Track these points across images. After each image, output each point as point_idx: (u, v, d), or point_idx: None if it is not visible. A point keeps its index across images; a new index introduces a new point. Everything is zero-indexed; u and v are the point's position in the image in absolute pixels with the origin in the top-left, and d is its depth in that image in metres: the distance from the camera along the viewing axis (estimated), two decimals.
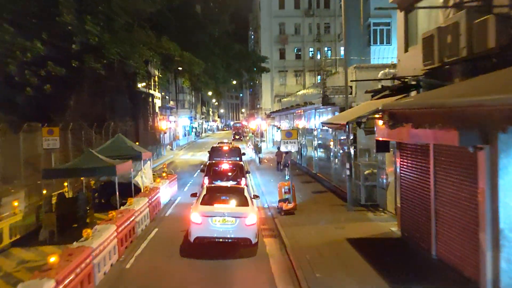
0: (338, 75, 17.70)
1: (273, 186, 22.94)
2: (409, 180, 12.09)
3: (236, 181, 18.13)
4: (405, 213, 12.50)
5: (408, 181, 12.17)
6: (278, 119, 41.29)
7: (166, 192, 19.21)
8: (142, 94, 38.99)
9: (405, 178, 12.37)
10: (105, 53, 21.79)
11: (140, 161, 17.28)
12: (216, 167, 18.86)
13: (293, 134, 16.46)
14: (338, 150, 20.75)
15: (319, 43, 57.20)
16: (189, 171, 30.59)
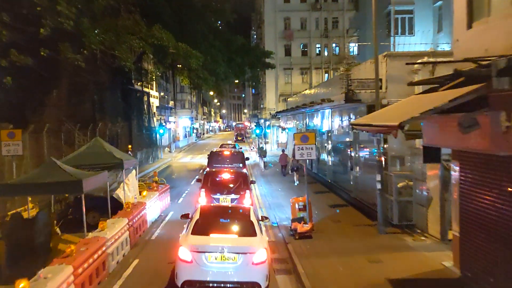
0: (364, 66, 14.44)
1: (282, 197, 19.78)
2: (477, 200, 8.85)
3: (239, 194, 14.89)
4: (468, 245, 9.25)
5: (475, 202, 8.93)
6: (284, 119, 38.08)
7: (155, 207, 16.01)
8: (137, 93, 35.84)
9: (470, 198, 9.13)
10: (85, 42, 18.58)
11: (121, 170, 14.10)
12: (215, 177, 15.54)
13: (310, 138, 13.23)
14: (359, 156, 17.51)
15: (326, 39, 53.92)
16: (186, 178, 27.38)
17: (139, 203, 14.34)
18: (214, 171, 16.62)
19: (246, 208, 10.76)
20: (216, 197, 14.55)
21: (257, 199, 19.95)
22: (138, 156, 32.34)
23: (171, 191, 21.60)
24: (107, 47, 19.98)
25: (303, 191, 21.16)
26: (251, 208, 10.62)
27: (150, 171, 31.22)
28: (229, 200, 14.45)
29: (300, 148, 13.27)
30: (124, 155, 15.26)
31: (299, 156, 13.31)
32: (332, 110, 19.34)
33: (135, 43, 20.79)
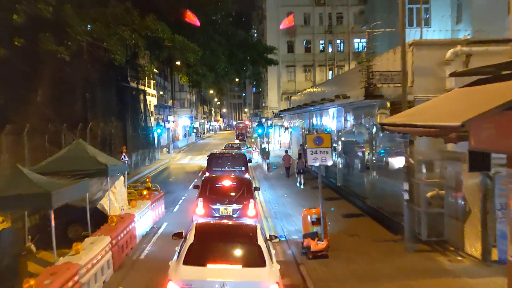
0: (387, 57, 12.50)
1: (289, 204, 17.90)
2: None
3: (242, 204, 12.91)
4: None
5: None
6: (288, 118, 36.13)
7: (147, 218, 14.10)
8: (133, 91, 33.90)
9: None
10: (70, 33, 16.65)
11: (106, 178, 12.20)
12: (214, 184, 13.65)
13: (325, 140, 11.30)
14: (376, 159, 15.60)
15: (330, 35, 51.95)
16: (184, 181, 25.47)
17: (127, 215, 12.43)
18: (213, 177, 14.73)
19: (252, 227, 8.85)
20: (216, 208, 12.74)
21: (261, 207, 18.05)
22: (133, 158, 30.50)
23: (167, 197, 19.72)
24: (95, 39, 18.05)
25: (310, 196, 19.42)
26: (258, 227, 8.71)
27: (146, 174, 29.35)
28: (230, 210, 12.68)
29: (313, 151, 11.34)
30: (111, 159, 13.34)
31: (312, 161, 11.38)
32: (344, 108, 17.39)
33: (127, 34, 18.84)
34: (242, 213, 12.56)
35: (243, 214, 12.51)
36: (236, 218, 12.33)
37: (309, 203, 17.89)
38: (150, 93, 47.19)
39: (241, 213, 12.58)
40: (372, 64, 11.86)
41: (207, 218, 12.20)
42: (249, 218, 12.42)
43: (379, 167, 15.33)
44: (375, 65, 12.08)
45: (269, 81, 54.36)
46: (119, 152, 28.26)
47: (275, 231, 14.20)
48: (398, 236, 12.52)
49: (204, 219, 12.16)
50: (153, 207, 15.03)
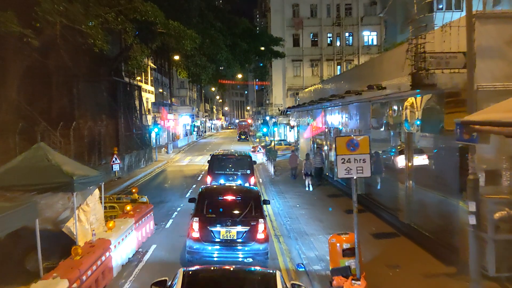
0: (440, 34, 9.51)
1: (303, 218, 15.04)
2: None
3: (249, 225, 10.21)
4: None
5: None
6: (295, 116, 33.19)
7: (130, 242, 11.23)
8: (126, 86, 31.02)
9: None
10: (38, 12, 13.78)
11: (72, 193, 9.36)
12: (214, 198, 11.08)
13: (362, 145, 8.43)
14: (413, 166, 12.69)
15: (339, 27, 49.02)
16: (181, 188, 22.58)
17: (100, 242, 9.55)
18: (212, 190, 12.18)
19: (269, 275, 5.98)
20: (216, 230, 10.19)
21: (270, 221, 15.19)
22: (126, 160, 27.66)
23: (160, 208, 16.97)
24: (71, 21, 15.16)
25: (327, 208, 16.50)
26: (278, 276, 5.84)
27: (139, 178, 26.55)
28: (234, 233, 10.15)
29: (345, 160, 8.45)
30: (82, 168, 10.45)
31: (344, 172, 8.48)
32: (372, 103, 14.46)
33: (111, 17, 15.96)
34: (249, 237, 10.12)
35: (250, 238, 10.10)
36: (241, 243, 10.08)
37: (327, 217, 15.08)
38: (147, 90, 44.36)
39: (248, 237, 10.13)
40: (425, 42, 8.93)
41: (204, 244, 10.04)
42: (257, 243, 10.07)
43: (418, 175, 12.41)
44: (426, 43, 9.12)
45: (274, 77, 51.43)
46: (109, 154, 25.51)
47: (290, 257, 11.35)
48: (452, 269, 9.67)
49: (200, 244, 10.04)
50: (139, 225, 12.15)
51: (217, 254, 10.01)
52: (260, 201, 11.01)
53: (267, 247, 10.20)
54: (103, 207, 11.69)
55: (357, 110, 16.29)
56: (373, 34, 49.78)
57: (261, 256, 10.06)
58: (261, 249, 10.04)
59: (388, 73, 13.11)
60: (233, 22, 26.83)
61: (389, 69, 12.64)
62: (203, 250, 9.99)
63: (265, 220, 10.57)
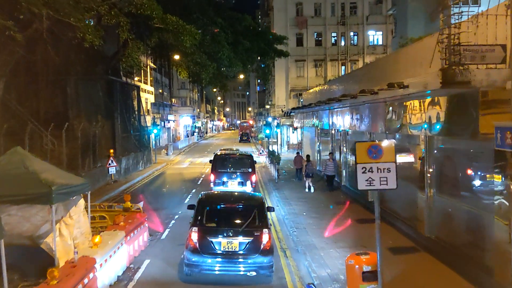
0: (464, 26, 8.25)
1: (311, 228, 13.86)
2: None
3: (253, 236, 9.36)
4: None
5: None
6: (299, 118, 31.96)
7: (119, 257, 10.00)
8: (124, 86, 29.85)
9: None
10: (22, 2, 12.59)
11: (50, 205, 8.17)
12: (214, 206, 10.34)
13: (386, 152, 7.22)
14: (435, 173, 11.46)
15: (343, 27, 47.74)
16: (180, 192, 21.35)
17: (84, 260, 8.33)
18: (213, 196, 11.55)
19: None
20: (216, 241, 9.41)
21: (275, 231, 13.97)
22: (123, 163, 26.49)
23: (156, 216, 15.74)
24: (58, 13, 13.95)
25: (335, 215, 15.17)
26: None
27: (136, 182, 25.38)
28: (236, 245, 9.35)
29: (365, 169, 7.24)
30: (64, 176, 9.23)
31: (365, 184, 7.27)
32: (388, 104, 13.20)
33: (104, 10, 14.77)
34: (252, 248, 9.34)
35: (254, 250, 9.34)
36: (244, 255, 9.32)
37: (339, 229, 13.82)
38: (147, 90, 43.20)
39: (251, 248, 9.35)
40: (459, 32, 7.71)
41: (203, 256, 9.32)
42: (262, 255, 9.30)
43: (442, 183, 11.18)
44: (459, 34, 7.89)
45: (277, 77, 50.19)
46: (105, 157, 24.32)
47: (299, 276, 10.13)
48: None
49: (200, 256, 9.32)
50: (131, 238, 10.93)
51: (218, 267, 9.36)
52: (264, 209, 10.14)
53: (271, 259, 9.48)
54: (90, 218, 10.47)
55: (370, 111, 15.06)
56: (378, 34, 48.56)
57: (265, 269, 9.39)
58: (266, 261, 9.33)
59: (405, 70, 11.92)
60: (235, 18, 25.65)
61: (408, 66, 11.44)
62: (202, 262, 9.34)
63: (269, 230, 9.68)
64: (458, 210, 10.45)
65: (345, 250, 11.49)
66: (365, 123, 15.82)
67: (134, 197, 20.04)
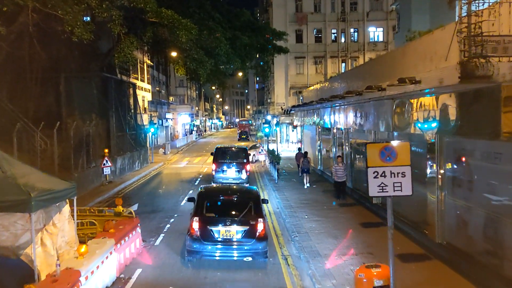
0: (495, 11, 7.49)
1: (314, 232, 13.11)
2: None
3: (249, 225, 10.30)
4: None
5: None
6: (300, 116, 31.22)
7: (108, 267, 9.26)
8: (120, 83, 29.04)
9: None
10: None
11: (28, 213, 7.43)
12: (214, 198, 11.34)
13: (400, 154, 6.50)
14: (446, 174, 10.73)
15: (343, 23, 47.01)
16: (176, 194, 20.59)
17: (67, 274, 7.59)
18: (212, 190, 12.85)
19: None
20: (216, 229, 10.30)
21: (276, 236, 13.26)
22: (118, 163, 25.71)
23: (150, 219, 15.13)
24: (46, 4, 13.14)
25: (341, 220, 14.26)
26: None
27: (133, 182, 24.63)
28: (234, 232, 10.28)
29: (378, 173, 6.51)
30: (47, 181, 8.47)
31: (377, 190, 6.55)
32: (395, 102, 12.45)
33: (94, 3, 13.98)
34: (248, 236, 10.28)
35: (249, 237, 10.28)
36: (241, 242, 10.21)
37: (342, 232, 13.10)
38: (144, 88, 42.34)
39: (247, 236, 10.29)
40: (481, 21, 6.96)
41: (204, 243, 10.16)
42: (257, 242, 10.21)
43: (455, 186, 10.45)
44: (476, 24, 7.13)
45: (276, 74, 49.44)
46: (100, 156, 23.55)
47: (302, 287, 9.38)
48: None
49: (200, 243, 10.17)
50: (121, 246, 10.18)
51: (218, 254, 10.24)
52: (260, 201, 11.10)
53: (266, 245, 10.36)
54: (77, 225, 9.72)
55: (376, 108, 14.31)
56: (379, 30, 47.80)
57: (260, 255, 10.29)
58: (261, 248, 10.22)
59: (414, 65, 11.19)
60: (233, 13, 24.83)
61: (417, 61, 10.69)
62: (203, 249, 10.18)
63: (264, 220, 10.63)
64: (473, 215, 9.72)
65: (351, 257, 10.78)
66: (370, 121, 15.08)
67: (129, 199, 19.36)
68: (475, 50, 6.90)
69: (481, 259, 9.21)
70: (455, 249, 10.27)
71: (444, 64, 8.89)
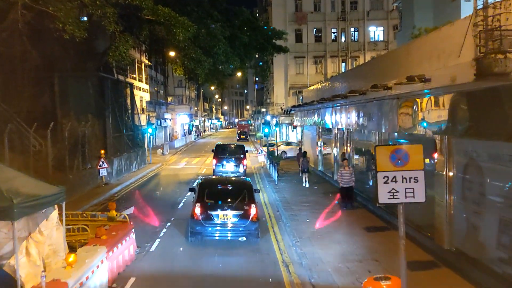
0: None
1: (315, 235, 12.58)
2: None
3: (243, 210, 12.05)
4: None
5: None
6: (300, 116, 30.72)
7: (99, 276, 8.73)
8: (117, 83, 28.51)
9: None
10: None
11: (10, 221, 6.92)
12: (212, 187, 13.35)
13: (413, 157, 6.02)
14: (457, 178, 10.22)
15: (344, 22, 46.52)
16: (174, 196, 20.05)
17: (53, 286, 7.07)
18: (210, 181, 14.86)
19: None
20: (215, 214, 12.02)
21: (276, 240, 12.76)
22: (115, 164, 25.18)
23: (147, 223, 14.52)
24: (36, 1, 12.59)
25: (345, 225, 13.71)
26: None
27: (130, 183, 24.15)
28: (230, 216, 12.04)
29: (388, 178, 6.01)
30: (31, 185, 7.94)
31: (387, 196, 6.07)
32: (398, 101, 11.94)
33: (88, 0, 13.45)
34: (242, 219, 12.03)
35: (243, 220, 12.03)
36: (236, 224, 11.94)
37: (346, 238, 12.59)
38: (142, 88, 41.88)
39: (241, 219, 12.02)
40: (500, 13, 6.46)
41: (205, 225, 11.91)
42: (250, 224, 12.00)
43: (465, 189, 9.95)
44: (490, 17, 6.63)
45: (275, 74, 48.94)
46: (96, 158, 23.02)
47: None
48: None
49: (202, 226, 11.92)
50: (114, 253, 9.66)
51: (216, 234, 11.92)
52: (252, 190, 12.93)
53: (258, 227, 12.18)
54: (66, 232, 9.19)
55: (380, 108, 13.80)
56: (379, 30, 47.32)
57: (253, 235, 12.11)
58: (253, 229, 12.01)
59: (419, 63, 10.71)
60: (232, 12, 24.32)
61: (423, 59, 10.20)
62: (204, 230, 11.90)
63: (256, 205, 12.28)
64: (485, 220, 9.22)
65: (356, 265, 10.28)
66: (374, 121, 14.58)
67: (125, 201, 18.83)
68: (492, 45, 6.39)
69: (494, 267, 8.71)
70: (466, 256, 9.77)
71: (454, 62, 8.41)
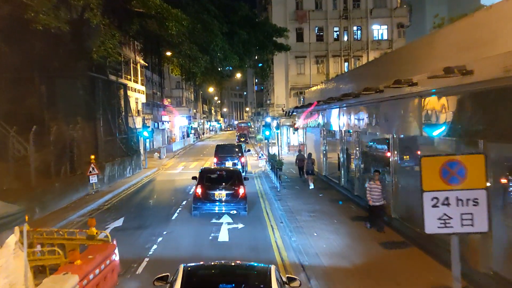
0: None
1: (324, 252, 11.02)
2: None
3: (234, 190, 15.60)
4: None
5: None
6: (302, 117, 29.21)
7: None
8: (109, 84, 26.98)
9: None
10: None
11: None
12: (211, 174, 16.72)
13: (472, 171, 4.44)
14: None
15: (346, 21, 45.06)
16: (168, 206, 18.42)
17: None
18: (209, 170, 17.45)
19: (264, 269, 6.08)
20: (212, 192, 15.48)
21: (280, 258, 11.23)
22: (107, 170, 23.63)
23: (136, 237, 13.11)
24: None
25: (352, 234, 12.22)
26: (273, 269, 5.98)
27: (122, 191, 22.62)
28: (224, 195, 15.45)
29: (438, 200, 4.48)
30: None
31: (437, 224, 4.57)
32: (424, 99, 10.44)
33: None
34: (233, 197, 15.49)
35: (234, 197, 15.49)
36: (228, 201, 15.40)
37: (356, 252, 11.05)
38: (137, 89, 40.37)
39: (232, 197, 15.47)
40: None
41: (204, 202, 15.40)
42: (239, 200, 15.43)
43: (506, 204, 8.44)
44: None
45: (276, 75, 47.45)
46: (86, 163, 21.51)
47: None
48: None
49: (202, 202, 15.43)
50: (89, 283, 8.10)
51: (215, 208, 15.38)
52: (241, 176, 16.50)
53: (246, 203, 15.63)
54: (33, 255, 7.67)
55: (397, 108, 12.28)
56: (383, 28, 45.85)
57: (241, 209, 15.50)
58: (242, 204, 15.46)
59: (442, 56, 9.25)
60: (230, 7, 22.85)
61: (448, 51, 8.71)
62: (204, 205, 15.42)
63: (244, 186, 15.81)
64: None
65: None
66: (389, 123, 13.05)
67: (115, 211, 17.33)
68: None
69: None
70: (506, 282, 8.25)
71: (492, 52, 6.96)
